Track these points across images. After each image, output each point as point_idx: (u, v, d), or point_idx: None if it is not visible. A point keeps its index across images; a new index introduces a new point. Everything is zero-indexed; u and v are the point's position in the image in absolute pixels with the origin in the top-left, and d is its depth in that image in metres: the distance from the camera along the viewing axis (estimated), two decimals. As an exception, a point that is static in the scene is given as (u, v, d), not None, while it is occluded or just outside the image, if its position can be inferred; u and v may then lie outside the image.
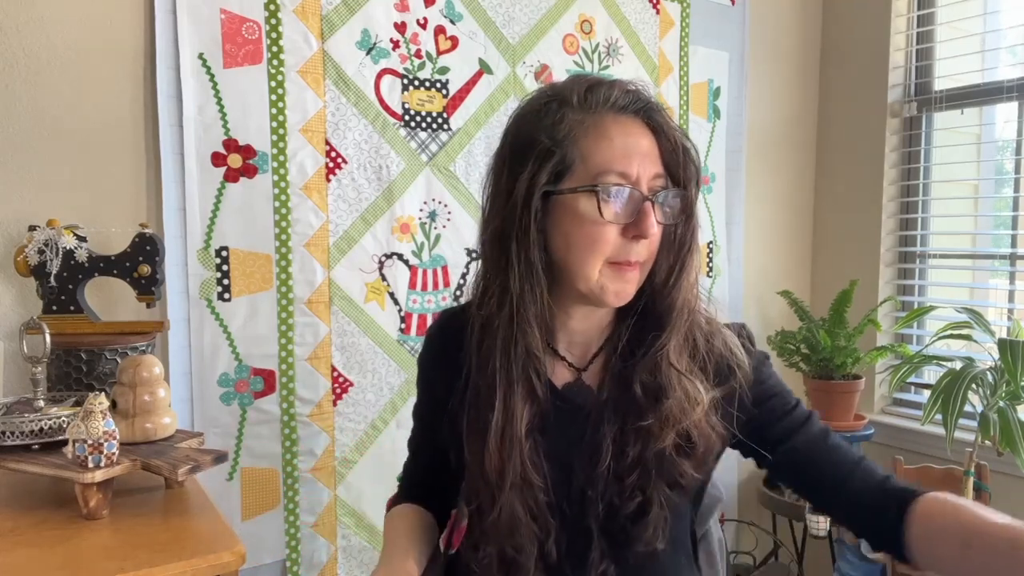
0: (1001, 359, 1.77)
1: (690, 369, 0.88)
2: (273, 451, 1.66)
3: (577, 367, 0.93)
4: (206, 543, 0.90)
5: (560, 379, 0.92)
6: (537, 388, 0.87)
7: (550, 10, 1.98)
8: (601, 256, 0.83)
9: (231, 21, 1.58)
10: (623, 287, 0.84)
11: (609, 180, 0.81)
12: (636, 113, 0.85)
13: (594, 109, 0.84)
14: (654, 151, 0.84)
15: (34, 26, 1.42)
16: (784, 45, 2.52)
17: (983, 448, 1.88)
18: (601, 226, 0.82)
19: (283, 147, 1.64)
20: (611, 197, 0.81)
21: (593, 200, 0.81)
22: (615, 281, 0.84)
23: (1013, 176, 2.27)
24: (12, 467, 0.99)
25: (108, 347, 1.28)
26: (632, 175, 0.82)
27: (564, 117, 0.84)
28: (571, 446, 0.89)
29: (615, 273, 0.84)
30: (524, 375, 0.86)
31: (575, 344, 0.93)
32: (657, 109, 0.85)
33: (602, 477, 0.87)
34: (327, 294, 1.71)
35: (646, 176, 0.83)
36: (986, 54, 2.34)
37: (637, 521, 0.86)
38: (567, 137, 0.83)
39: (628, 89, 0.85)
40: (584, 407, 0.90)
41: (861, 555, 1.94)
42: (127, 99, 1.52)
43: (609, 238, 0.82)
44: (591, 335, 0.93)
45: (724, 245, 2.38)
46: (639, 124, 0.84)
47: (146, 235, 1.37)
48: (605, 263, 0.83)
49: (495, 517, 0.86)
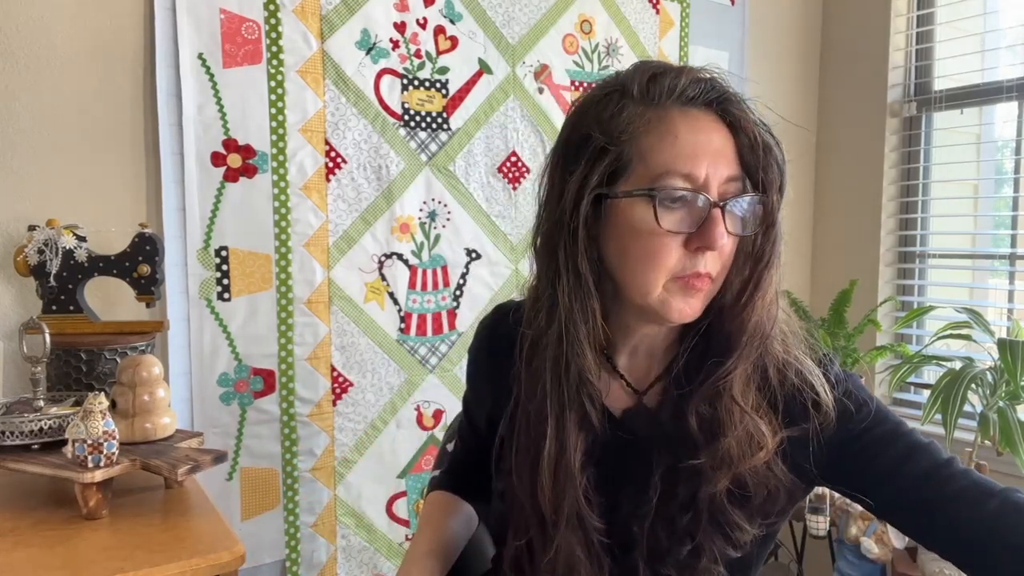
0: (1001, 359, 1.77)
1: (757, 405, 0.76)
2: (273, 451, 1.66)
3: (636, 389, 0.83)
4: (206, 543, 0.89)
5: (617, 402, 0.83)
6: (592, 415, 0.78)
7: (550, 10, 1.98)
8: (662, 270, 0.72)
9: (231, 21, 1.58)
10: (687, 304, 0.73)
11: (670, 183, 0.71)
12: (708, 105, 0.74)
13: (658, 101, 0.73)
14: (729, 149, 0.73)
15: (34, 26, 1.42)
16: (784, 45, 2.52)
17: (983, 448, 1.88)
18: (660, 236, 0.71)
19: (283, 147, 1.64)
20: (672, 203, 0.71)
21: (651, 206, 0.71)
22: (679, 298, 0.73)
23: (1013, 176, 2.27)
24: (12, 467, 0.99)
25: (108, 347, 1.28)
26: (699, 177, 0.71)
27: (623, 110, 0.74)
28: (621, 477, 0.80)
29: (680, 289, 0.73)
30: (577, 401, 0.77)
31: (637, 362, 0.83)
32: (734, 100, 0.74)
33: (648, 515, 0.78)
34: (327, 294, 1.71)
35: (717, 179, 0.72)
36: (986, 54, 2.34)
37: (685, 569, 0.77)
38: (625, 133, 0.73)
39: (699, 77, 0.74)
40: (638, 435, 0.81)
41: (861, 555, 1.94)
42: (127, 99, 1.52)
43: (670, 250, 0.72)
44: (655, 352, 0.83)
45: (724, 245, 2.38)
46: (711, 118, 0.73)
47: (146, 235, 1.37)
48: (669, 278, 0.73)
49: (551, 557, 0.78)
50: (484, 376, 0.94)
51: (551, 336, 0.76)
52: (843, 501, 1.98)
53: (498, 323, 0.93)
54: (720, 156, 0.72)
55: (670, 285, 0.73)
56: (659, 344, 0.82)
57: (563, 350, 0.76)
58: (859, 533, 1.94)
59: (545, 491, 0.77)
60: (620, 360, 0.83)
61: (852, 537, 1.95)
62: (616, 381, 0.83)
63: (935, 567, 1.84)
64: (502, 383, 0.85)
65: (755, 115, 0.75)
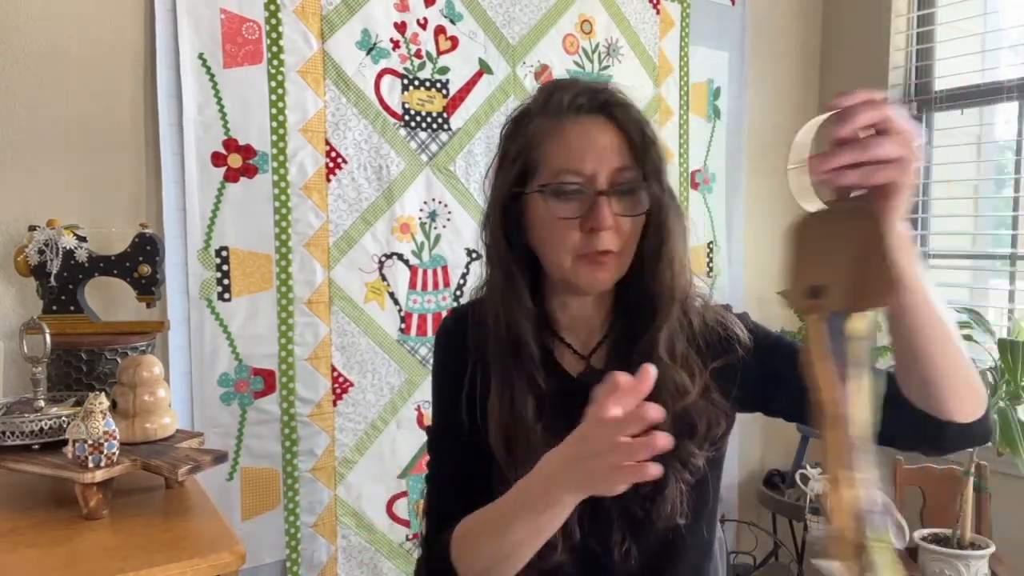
0: (1001, 359, 1.77)
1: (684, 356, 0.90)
2: (273, 451, 1.66)
3: (581, 354, 0.95)
4: (206, 543, 0.89)
5: (571, 366, 0.95)
6: (537, 377, 0.90)
7: (550, 10, 1.98)
8: (566, 251, 0.87)
9: (231, 21, 1.58)
10: (595, 276, 0.88)
11: (561, 179, 0.86)
12: (596, 111, 0.88)
13: (555, 114, 0.89)
14: (617, 146, 0.87)
15: (34, 26, 1.42)
16: (784, 45, 2.52)
17: (983, 448, 1.88)
18: (559, 223, 0.86)
19: (283, 147, 1.64)
20: (568, 195, 0.86)
21: (547, 199, 0.87)
22: (586, 271, 0.87)
23: (1013, 176, 2.27)
24: (12, 467, 0.99)
25: (108, 347, 1.28)
26: (586, 172, 0.85)
27: (530, 124, 0.90)
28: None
29: (586, 264, 0.87)
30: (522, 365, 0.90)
31: (579, 330, 0.96)
32: (618, 104, 0.88)
33: None
34: (327, 294, 1.71)
35: (606, 171, 0.85)
36: (986, 54, 2.34)
37: (654, 499, 0.88)
38: (531, 142, 0.90)
39: (586, 89, 0.89)
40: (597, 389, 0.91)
41: (861, 555, 1.94)
42: (127, 99, 1.52)
43: (570, 234, 0.86)
44: (593, 322, 0.96)
45: (724, 245, 2.38)
46: (601, 122, 0.88)
47: (146, 235, 1.37)
48: (574, 256, 0.87)
49: None
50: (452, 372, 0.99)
51: (491, 314, 0.92)
52: (843, 501, 1.98)
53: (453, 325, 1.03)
54: (608, 152, 0.86)
55: (578, 261, 0.87)
56: (594, 314, 0.96)
57: (501, 324, 0.91)
58: (859, 533, 1.94)
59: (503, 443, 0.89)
60: (564, 332, 0.96)
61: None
62: (566, 349, 0.96)
63: (935, 567, 1.84)
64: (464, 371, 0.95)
65: (638, 116, 0.89)
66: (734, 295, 2.42)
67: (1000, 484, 2.02)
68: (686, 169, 2.27)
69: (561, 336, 0.96)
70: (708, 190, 2.33)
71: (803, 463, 2.24)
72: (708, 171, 2.32)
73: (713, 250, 2.35)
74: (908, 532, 1.92)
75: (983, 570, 1.82)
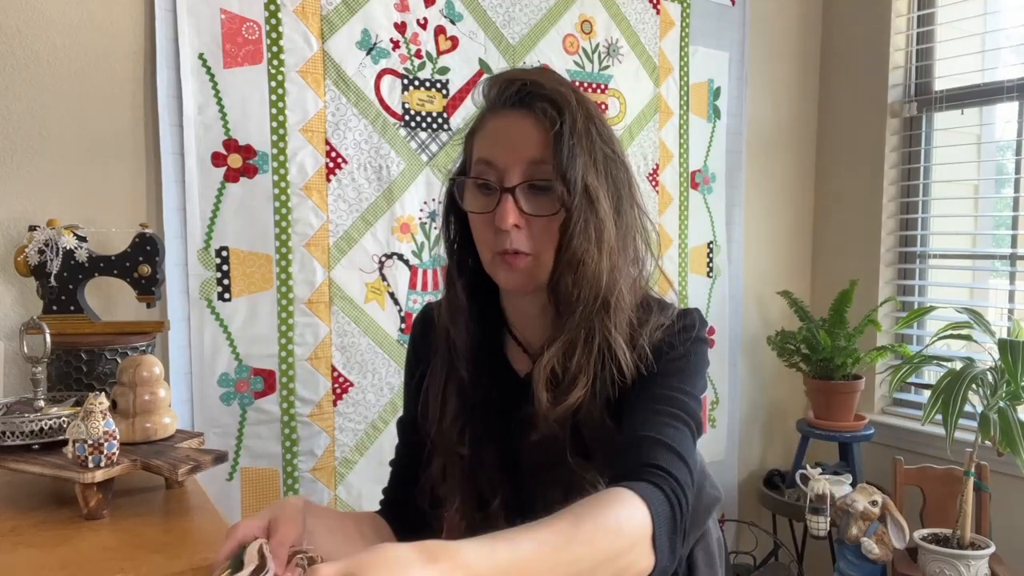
0: (1001, 359, 1.77)
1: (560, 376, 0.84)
2: (273, 451, 1.66)
3: (529, 353, 0.93)
4: (206, 543, 0.89)
5: (520, 363, 0.94)
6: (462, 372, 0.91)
7: (550, 10, 1.98)
8: (484, 245, 0.85)
9: (231, 21, 1.58)
10: (507, 276, 0.85)
11: (476, 172, 0.84)
12: (518, 104, 0.83)
13: (488, 106, 0.87)
14: (533, 140, 0.81)
15: (34, 26, 1.42)
16: (784, 45, 2.52)
17: (983, 448, 1.88)
18: (476, 217, 0.85)
19: (283, 147, 1.64)
20: (484, 189, 0.84)
21: (471, 192, 0.85)
22: (501, 271, 0.85)
23: (1013, 176, 2.27)
24: (12, 467, 0.99)
25: (108, 347, 1.28)
26: (498, 164, 0.82)
27: (475, 118, 0.89)
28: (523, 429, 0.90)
29: (500, 263, 0.84)
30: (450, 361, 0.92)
31: (528, 329, 0.94)
32: (541, 96, 0.82)
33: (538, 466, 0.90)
34: (327, 294, 1.71)
35: (518, 167, 0.81)
36: (986, 54, 2.34)
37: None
38: (469, 135, 0.89)
39: (512, 80, 0.84)
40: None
41: (861, 555, 1.94)
42: (127, 99, 1.52)
43: (485, 228, 0.84)
44: (539, 323, 0.91)
45: (724, 245, 2.38)
46: (523, 115, 0.83)
47: (146, 235, 1.37)
48: (492, 254, 0.85)
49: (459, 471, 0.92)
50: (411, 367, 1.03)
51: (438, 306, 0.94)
52: (843, 501, 1.98)
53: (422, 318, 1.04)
54: (521, 144, 0.82)
55: (496, 259, 0.84)
56: (538, 313, 0.91)
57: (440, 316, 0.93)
58: (859, 533, 1.94)
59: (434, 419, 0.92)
60: (516, 330, 0.95)
61: (852, 537, 1.95)
62: (517, 346, 0.94)
63: (935, 567, 1.84)
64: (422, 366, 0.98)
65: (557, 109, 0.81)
66: (734, 295, 2.42)
67: (1000, 484, 2.02)
68: (686, 169, 2.27)
69: (513, 333, 0.95)
70: (708, 190, 2.33)
71: (803, 463, 2.24)
72: (708, 171, 2.32)
73: (713, 250, 2.35)
74: (908, 532, 1.92)
75: (983, 570, 1.82)
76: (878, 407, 2.47)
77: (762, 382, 2.52)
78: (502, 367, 0.95)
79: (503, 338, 0.95)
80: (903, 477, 2.06)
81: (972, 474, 1.88)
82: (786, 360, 2.32)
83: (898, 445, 2.31)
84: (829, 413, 2.24)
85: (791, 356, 2.31)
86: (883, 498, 1.95)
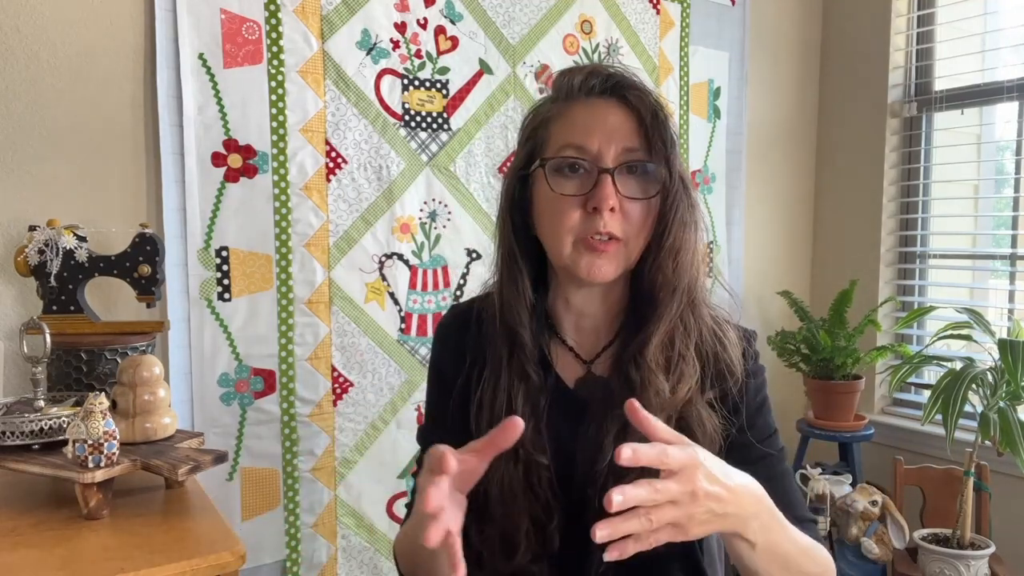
0: (1001, 359, 1.77)
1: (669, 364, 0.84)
2: (273, 451, 1.66)
3: (584, 359, 0.90)
4: (206, 543, 0.89)
5: (570, 372, 0.90)
6: (532, 375, 0.86)
7: (550, 10, 1.98)
8: (566, 230, 0.82)
9: (231, 21, 1.58)
10: (594, 262, 0.82)
11: (563, 154, 0.83)
12: (607, 93, 0.85)
13: (567, 97, 0.86)
14: (627, 126, 0.83)
15: (34, 26, 1.42)
16: (784, 45, 2.52)
17: (983, 448, 1.88)
18: (559, 200, 0.83)
19: (283, 147, 1.64)
20: (569, 171, 0.83)
21: (551, 176, 0.83)
22: (586, 257, 0.82)
23: (1013, 176, 2.27)
24: (12, 467, 0.99)
25: (108, 347, 1.28)
26: (591, 149, 0.82)
27: (541, 108, 0.89)
28: (576, 441, 0.87)
29: (586, 249, 0.82)
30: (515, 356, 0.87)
31: (584, 332, 0.91)
32: (632, 87, 0.84)
33: (602, 475, 0.84)
34: (327, 294, 1.71)
35: (612, 150, 0.82)
36: (986, 54, 2.34)
37: None
38: (541, 126, 0.87)
39: (599, 71, 0.85)
40: (592, 402, 0.88)
41: (861, 555, 1.94)
42: (127, 99, 1.52)
43: (571, 213, 0.82)
44: (599, 321, 0.90)
45: (724, 245, 2.38)
46: (612, 103, 0.84)
47: (146, 235, 1.37)
48: (575, 240, 0.82)
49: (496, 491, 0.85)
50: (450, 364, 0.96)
51: (495, 306, 0.89)
52: (843, 501, 1.98)
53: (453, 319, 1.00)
54: (616, 131, 0.82)
55: (578, 245, 0.82)
56: (601, 315, 0.90)
57: (502, 318, 0.87)
58: (859, 533, 1.94)
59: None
60: (567, 333, 0.91)
61: (852, 537, 1.95)
62: (567, 353, 0.91)
63: (935, 567, 1.84)
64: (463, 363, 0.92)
65: (650, 99, 0.84)
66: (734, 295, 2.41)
67: (1000, 484, 2.02)
68: (686, 169, 2.27)
69: (563, 338, 0.91)
70: (708, 190, 2.33)
71: (803, 463, 2.24)
72: (708, 171, 2.33)
73: (713, 250, 2.35)
74: (908, 532, 1.92)
75: (983, 570, 1.82)
76: (878, 407, 2.47)
77: (762, 382, 2.51)
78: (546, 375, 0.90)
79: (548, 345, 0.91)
80: (903, 477, 2.07)
81: (972, 474, 1.88)
82: (786, 360, 2.32)
83: (898, 445, 2.31)
84: (829, 413, 2.24)
85: (791, 356, 2.31)
86: (883, 498, 1.95)
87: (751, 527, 0.69)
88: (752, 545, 0.71)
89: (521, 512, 0.85)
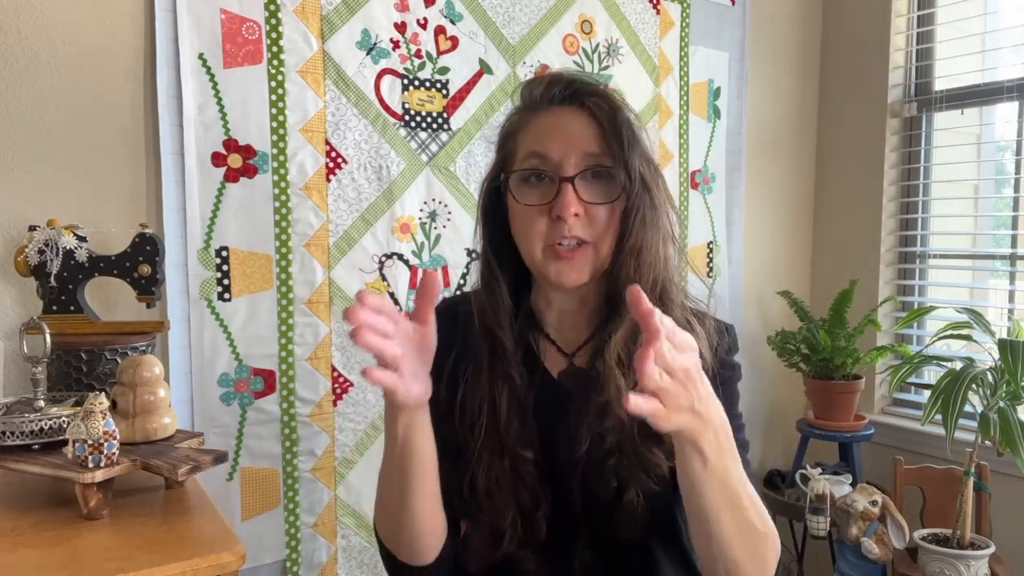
0: (1001, 359, 1.77)
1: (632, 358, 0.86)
2: (273, 451, 1.66)
3: (566, 352, 0.94)
4: (206, 543, 0.89)
5: (554, 364, 0.94)
6: (514, 376, 0.90)
7: (550, 10, 1.98)
8: (535, 238, 0.85)
9: (231, 21, 1.58)
10: (562, 269, 0.85)
11: (526, 164, 0.86)
12: (566, 101, 0.87)
13: (531, 107, 0.89)
14: (588, 132, 0.85)
15: (34, 26, 1.42)
16: (784, 45, 2.52)
17: (983, 448, 1.88)
18: (527, 210, 0.86)
19: (283, 147, 1.64)
20: (530, 180, 0.86)
21: (518, 187, 0.86)
22: (553, 263, 0.85)
23: (1013, 176, 2.27)
24: (12, 467, 0.99)
25: (108, 347, 1.28)
26: (552, 157, 0.84)
27: (511, 119, 0.92)
28: (557, 430, 0.91)
29: (553, 255, 0.85)
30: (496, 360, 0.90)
31: (564, 328, 0.95)
32: (589, 92, 0.87)
33: (580, 462, 0.88)
34: (327, 294, 1.71)
35: (573, 157, 0.84)
36: (986, 54, 2.34)
37: (615, 507, 0.87)
38: (508, 137, 0.91)
39: (557, 79, 0.88)
40: (574, 392, 0.91)
41: (861, 555, 1.94)
42: (127, 99, 1.52)
43: (537, 220, 0.85)
44: (578, 319, 0.94)
45: (724, 245, 2.38)
46: (572, 110, 0.87)
47: (146, 235, 1.37)
48: (543, 247, 0.85)
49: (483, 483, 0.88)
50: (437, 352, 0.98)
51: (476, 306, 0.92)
52: (843, 501, 1.98)
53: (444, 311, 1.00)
54: (576, 138, 0.85)
55: (547, 252, 0.86)
56: (579, 312, 0.94)
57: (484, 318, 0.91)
58: (859, 533, 1.94)
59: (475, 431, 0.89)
60: (550, 328, 0.95)
61: (852, 537, 1.95)
62: (551, 346, 0.95)
63: (935, 567, 1.84)
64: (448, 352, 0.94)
65: (609, 103, 0.87)
66: (734, 295, 2.42)
67: (1000, 484, 2.02)
68: (686, 169, 2.27)
69: (547, 333, 0.95)
70: (708, 190, 2.33)
71: (803, 463, 2.24)
72: (708, 171, 2.32)
73: (713, 250, 2.35)
74: (908, 532, 1.92)
75: (983, 570, 1.82)
76: (878, 407, 2.47)
77: (762, 382, 2.52)
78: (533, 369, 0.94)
79: (535, 339, 0.95)
80: (903, 477, 2.07)
81: (972, 474, 1.88)
82: (786, 360, 2.32)
83: (898, 445, 2.31)
84: (829, 413, 2.24)
85: (791, 356, 2.31)
86: (883, 498, 1.95)
87: (709, 438, 0.69)
88: (705, 461, 0.70)
89: (508, 502, 0.88)
